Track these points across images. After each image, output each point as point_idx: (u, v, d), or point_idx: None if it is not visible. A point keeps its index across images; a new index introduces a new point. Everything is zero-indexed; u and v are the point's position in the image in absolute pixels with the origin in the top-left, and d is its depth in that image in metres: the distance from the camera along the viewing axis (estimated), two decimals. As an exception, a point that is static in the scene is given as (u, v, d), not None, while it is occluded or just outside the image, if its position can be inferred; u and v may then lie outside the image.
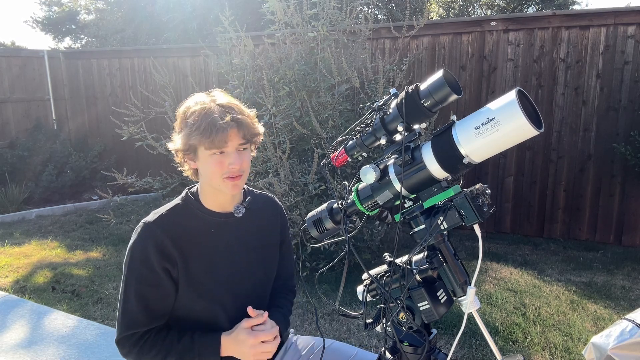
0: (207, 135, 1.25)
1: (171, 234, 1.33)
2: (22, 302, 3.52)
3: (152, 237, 1.31)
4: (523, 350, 2.78)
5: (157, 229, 1.32)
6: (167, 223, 1.34)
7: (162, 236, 1.31)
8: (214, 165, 1.30)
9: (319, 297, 3.41)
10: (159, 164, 5.96)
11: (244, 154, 1.34)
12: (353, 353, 1.51)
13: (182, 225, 1.36)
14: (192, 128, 1.27)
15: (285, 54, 4.04)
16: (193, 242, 1.36)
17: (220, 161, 1.30)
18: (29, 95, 7.23)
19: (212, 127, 1.25)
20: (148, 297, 1.31)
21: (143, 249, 1.30)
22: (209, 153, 1.29)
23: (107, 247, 4.84)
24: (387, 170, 1.12)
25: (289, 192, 3.45)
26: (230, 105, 1.32)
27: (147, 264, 1.30)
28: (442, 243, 1.14)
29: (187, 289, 1.35)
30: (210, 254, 1.38)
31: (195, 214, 1.39)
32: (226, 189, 1.34)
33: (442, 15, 13.73)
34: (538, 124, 0.96)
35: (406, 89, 1.07)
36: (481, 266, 4.00)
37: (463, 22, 5.44)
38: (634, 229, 4.64)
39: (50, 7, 13.98)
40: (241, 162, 1.32)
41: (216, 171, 1.30)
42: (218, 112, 1.27)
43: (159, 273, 1.30)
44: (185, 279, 1.34)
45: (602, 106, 4.63)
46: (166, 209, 1.38)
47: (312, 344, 1.57)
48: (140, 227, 1.34)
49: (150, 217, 1.36)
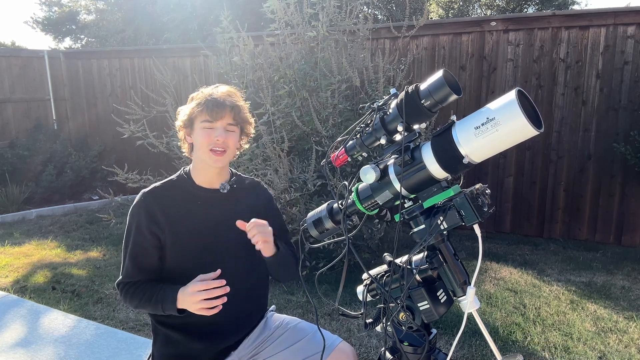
0: (207, 106, 1.52)
1: (161, 202, 1.57)
2: (22, 302, 3.52)
3: (144, 205, 1.56)
4: (523, 350, 2.78)
5: (150, 198, 1.57)
6: (159, 194, 1.59)
7: (154, 204, 1.55)
8: (203, 137, 1.53)
9: (319, 297, 3.41)
10: (159, 164, 5.95)
11: (230, 134, 1.57)
12: (312, 331, 1.69)
13: (171, 196, 1.59)
14: (196, 102, 1.55)
15: (285, 53, 4.04)
16: (180, 211, 1.57)
17: (209, 133, 1.53)
18: (29, 96, 7.22)
19: (212, 101, 1.53)
20: (137, 254, 1.56)
21: (137, 214, 1.56)
22: (201, 126, 1.54)
23: (107, 247, 4.84)
24: (387, 170, 1.12)
25: (288, 189, 3.45)
26: (230, 92, 1.60)
27: (138, 227, 1.55)
28: (442, 243, 1.14)
29: (173, 251, 1.55)
30: (195, 222, 1.58)
31: (186, 187, 1.62)
32: (210, 161, 1.55)
33: (441, 16, 13.73)
34: (538, 124, 0.96)
35: (406, 89, 1.07)
36: (481, 266, 4.00)
37: (463, 22, 5.44)
38: (633, 229, 4.64)
39: (51, 8, 13.99)
40: (225, 138, 1.54)
41: (204, 142, 1.53)
42: (220, 94, 1.56)
43: (146, 235, 1.54)
44: (171, 242, 1.55)
45: (602, 106, 4.63)
46: (161, 182, 1.63)
47: (282, 319, 1.76)
48: (139, 195, 1.59)
49: (147, 189, 1.61)
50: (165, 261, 1.57)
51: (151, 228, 1.53)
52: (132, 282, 1.57)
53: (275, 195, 3.44)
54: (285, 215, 3.54)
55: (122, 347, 2.85)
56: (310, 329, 1.70)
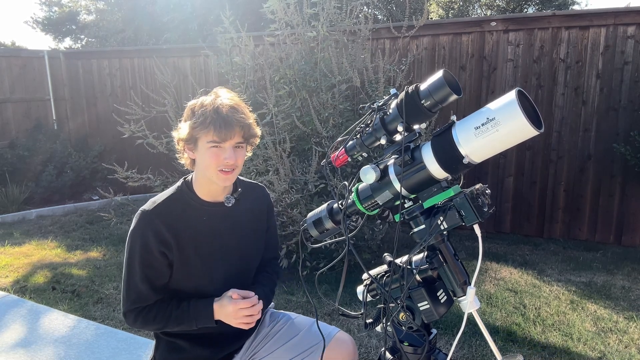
0: (215, 127, 1.39)
1: (167, 221, 1.47)
2: (22, 302, 3.52)
3: (150, 225, 1.46)
4: (523, 350, 2.78)
5: (154, 218, 1.47)
6: (163, 212, 1.49)
7: (159, 224, 1.46)
8: (210, 158, 1.43)
9: (319, 297, 3.41)
10: (159, 163, 5.95)
11: (239, 151, 1.47)
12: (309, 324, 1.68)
13: (176, 214, 1.50)
14: (199, 119, 1.41)
15: (285, 54, 4.04)
16: (187, 229, 1.50)
17: (217, 154, 1.43)
18: (29, 96, 7.22)
19: (220, 122, 1.39)
20: (150, 276, 1.47)
21: (142, 236, 1.46)
22: (208, 146, 1.42)
23: (107, 247, 4.84)
24: (387, 171, 1.12)
25: (289, 190, 3.45)
26: (237, 106, 1.46)
27: (146, 248, 1.45)
28: (442, 243, 1.14)
29: (182, 269, 1.50)
30: (202, 239, 1.52)
31: (189, 203, 1.53)
32: (219, 181, 1.48)
33: (441, 16, 13.73)
34: (538, 124, 0.96)
35: (406, 89, 1.07)
36: (481, 266, 4.00)
37: (463, 22, 5.44)
38: (633, 229, 4.64)
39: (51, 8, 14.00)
40: (236, 158, 1.45)
41: (212, 163, 1.43)
42: (227, 110, 1.41)
43: (157, 256, 1.46)
44: (179, 260, 1.49)
45: (602, 106, 4.63)
46: (162, 199, 1.52)
47: (279, 315, 1.77)
48: (139, 215, 1.49)
49: (147, 206, 1.49)
50: (172, 278, 1.52)
51: (160, 248, 1.46)
52: (146, 305, 1.50)
53: (276, 197, 3.44)
54: (285, 216, 3.53)
55: (122, 347, 2.85)
56: (307, 322, 1.70)
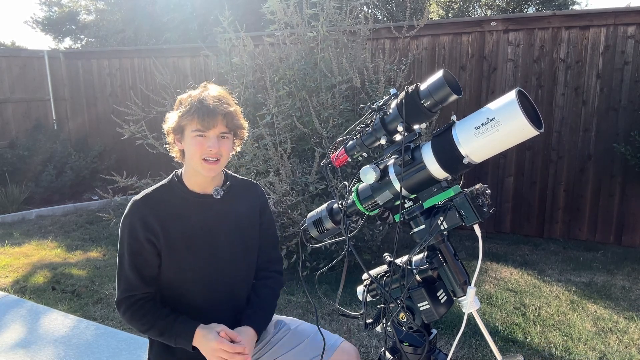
0: (198, 115, 1.43)
1: (154, 210, 1.51)
2: (22, 302, 3.52)
3: (138, 213, 1.50)
4: (523, 351, 2.78)
5: (142, 206, 1.51)
6: (151, 201, 1.52)
7: (147, 212, 1.50)
8: (195, 146, 1.46)
9: (319, 297, 3.41)
10: (159, 164, 5.95)
11: (223, 141, 1.49)
12: (313, 332, 1.66)
13: (164, 203, 1.53)
14: (185, 109, 1.46)
15: (285, 54, 4.04)
16: (174, 218, 1.52)
17: (201, 142, 1.46)
18: (29, 96, 7.22)
19: (203, 110, 1.43)
20: (138, 264, 1.50)
21: (130, 223, 1.50)
22: (193, 135, 1.46)
23: (107, 247, 4.84)
24: (387, 171, 1.12)
25: (290, 192, 3.45)
26: (221, 96, 1.50)
27: (134, 236, 1.49)
28: (442, 243, 1.13)
29: (169, 259, 1.51)
30: (189, 229, 1.53)
31: (178, 193, 1.56)
32: (203, 171, 1.49)
33: (442, 16, 13.73)
34: (538, 124, 0.96)
35: (406, 89, 1.07)
36: (481, 266, 4.00)
37: (463, 22, 5.44)
38: (633, 229, 4.64)
39: (51, 8, 13.99)
40: (219, 147, 1.47)
41: (196, 152, 1.46)
42: (211, 100, 1.45)
43: (144, 243, 1.48)
44: (167, 250, 1.51)
45: (602, 106, 4.63)
46: (152, 189, 1.56)
47: (282, 321, 1.74)
48: (129, 204, 1.53)
49: (138, 196, 1.54)
50: (162, 270, 1.53)
51: (147, 236, 1.48)
52: (138, 299, 1.51)
53: (277, 199, 3.43)
54: (286, 218, 3.53)
55: (122, 347, 2.85)
56: (311, 330, 1.68)
